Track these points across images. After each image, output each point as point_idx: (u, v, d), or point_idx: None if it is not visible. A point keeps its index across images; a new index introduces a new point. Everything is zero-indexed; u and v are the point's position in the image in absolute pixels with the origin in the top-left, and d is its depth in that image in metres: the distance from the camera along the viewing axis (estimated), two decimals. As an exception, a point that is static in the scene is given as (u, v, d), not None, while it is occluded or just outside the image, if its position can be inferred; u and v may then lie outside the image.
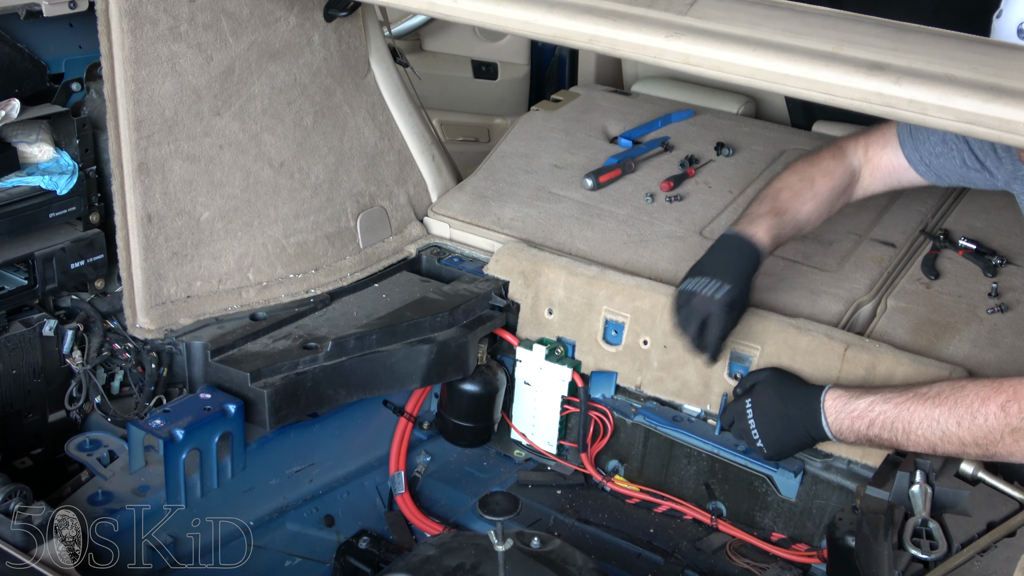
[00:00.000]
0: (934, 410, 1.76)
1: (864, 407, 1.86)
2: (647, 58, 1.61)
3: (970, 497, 1.77)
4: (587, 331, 2.32)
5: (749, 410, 2.02)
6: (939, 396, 1.77)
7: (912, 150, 2.17)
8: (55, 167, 2.11)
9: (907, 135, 2.17)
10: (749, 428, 2.02)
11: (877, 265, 2.35)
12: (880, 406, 1.83)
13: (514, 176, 2.75)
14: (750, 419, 2.02)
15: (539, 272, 2.36)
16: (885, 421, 1.82)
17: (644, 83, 3.74)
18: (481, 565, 1.73)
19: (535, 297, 2.37)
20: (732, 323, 2.06)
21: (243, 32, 2.17)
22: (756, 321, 2.14)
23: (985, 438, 1.71)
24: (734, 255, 2.07)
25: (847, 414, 1.88)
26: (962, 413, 1.72)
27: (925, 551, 1.64)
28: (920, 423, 1.77)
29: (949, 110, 1.40)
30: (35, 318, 2.12)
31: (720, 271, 2.05)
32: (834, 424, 1.90)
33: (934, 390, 1.79)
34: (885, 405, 1.83)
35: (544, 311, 2.35)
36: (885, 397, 1.84)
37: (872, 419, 1.84)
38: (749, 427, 2.02)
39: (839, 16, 1.58)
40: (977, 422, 1.71)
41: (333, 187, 2.43)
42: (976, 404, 1.71)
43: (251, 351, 2.11)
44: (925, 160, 2.16)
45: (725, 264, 2.07)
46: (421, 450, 2.57)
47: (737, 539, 2.25)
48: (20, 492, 1.79)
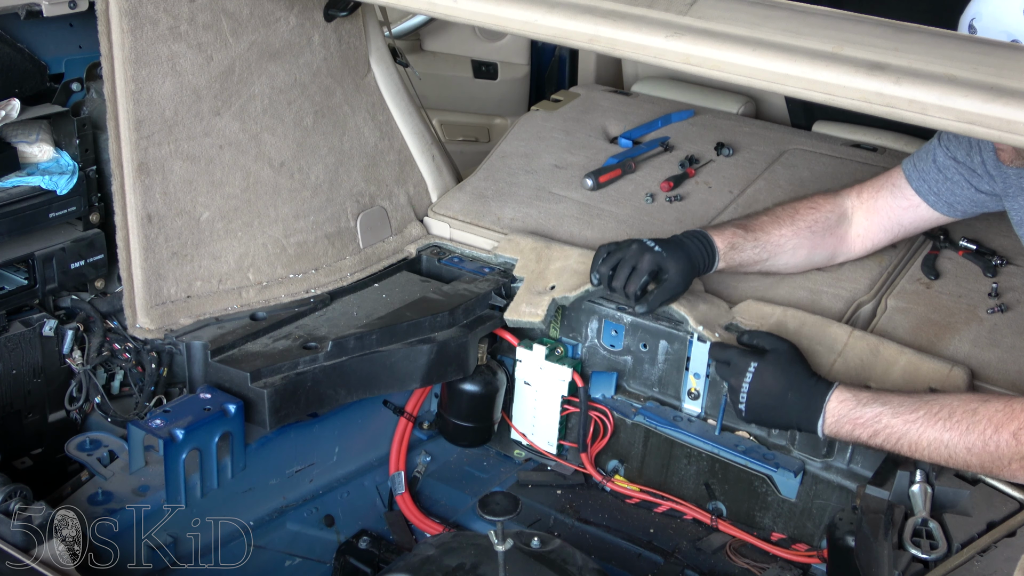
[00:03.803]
0: (944, 434, 1.71)
1: (870, 417, 1.80)
2: (647, 58, 1.61)
3: (970, 497, 1.76)
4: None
5: (751, 373, 1.93)
6: (950, 419, 1.71)
7: (920, 182, 2.18)
8: (55, 167, 2.11)
9: (912, 167, 2.19)
10: (740, 387, 1.94)
11: (877, 265, 2.35)
12: (888, 419, 1.78)
13: (514, 176, 2.75)
14: (747, 381, 1.93)
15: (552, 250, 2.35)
16: (891, 435, 1.77)
17: (644, 83, 3.74)
18: (481, 565, 1.73)
19: (541, 274, 2.34)
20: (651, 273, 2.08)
21: (243, 32, 2.17)
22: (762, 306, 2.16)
23: (994, 463, 1.68)
24: (688, 242, 2.13)
25: (849, 420, 1.83)
26: (974, 440, 1.68)
27: (925, 551, 1.64)
28: (928, 444, 1.73)
29: (949, 110, 1.40)
30: (35, 318, 2.12)
31: (667, 245, 2.11)
32: (831, 427, 1.86)
33: (945, 411, 1.73)
34: (893, 420, 1.77)
35: (548, 285, 2.31)
36: (894, 411, 1.78)
37: (877, 430, 1.79)
38: (741, 386, 1.94)
39: (839, 16, 1.58)
40: (988, 449, 1.67)
41: (333, 187, 2.43)
42: (989, 431, 1.67)
43: (251, 351, 2.11)
44: (934, 190, 2.16)
45: (675, 241, 2.13)
46: (421, 450, 2.57)
47: (737, 539, 2.25)
48: (20, 492, 1.79)
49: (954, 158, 2.13)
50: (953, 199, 2.16)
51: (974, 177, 2.11)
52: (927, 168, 2.17)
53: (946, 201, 2.17)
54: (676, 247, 2.10)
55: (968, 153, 2.10)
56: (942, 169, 2.15)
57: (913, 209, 2.22)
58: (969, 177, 2.12)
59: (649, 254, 2.08)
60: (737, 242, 2.16)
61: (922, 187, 2.18)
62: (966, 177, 2.12)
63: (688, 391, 2.29)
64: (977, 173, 2.11)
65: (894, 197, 2.22)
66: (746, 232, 2.18)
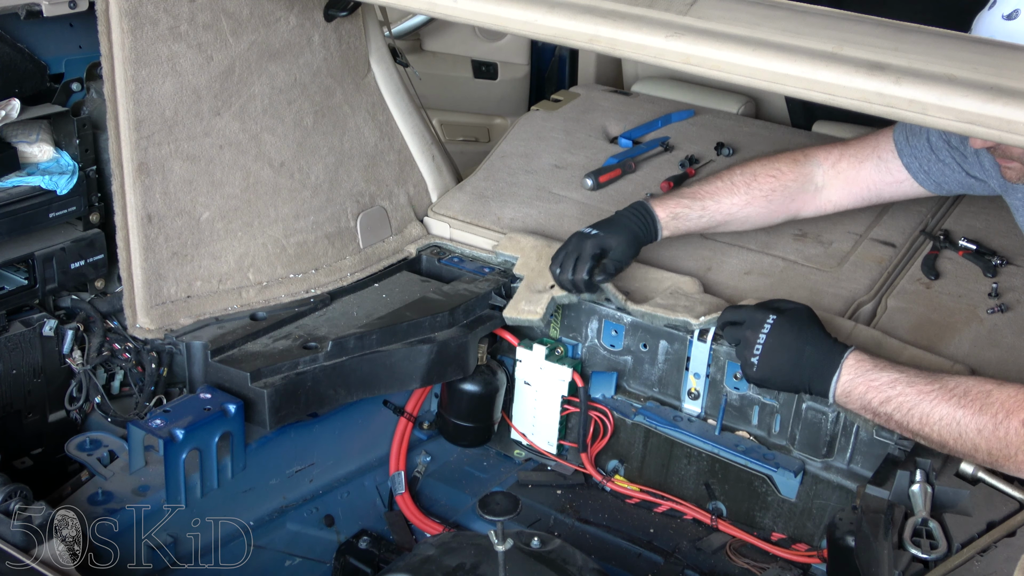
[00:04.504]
0: (957, 411, 1.69)
1: (886, 381, 1.77)
2: (647, 58, 1.61)
3: (970, 497, 1.76)
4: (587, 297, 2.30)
5: (768, 325, 1.87)
6: (965, 396, 1.70)
7: (911, 158, 2.16)
8: (55, 167, 2.11)
9: (904, 142, 2.17)
10: (755, 341, 1.88)
11: (877, 265, 2.35)
12: (902, 387, 1.75)
13: (514, 176, 2.76)
14: (764, 332, 1.87)
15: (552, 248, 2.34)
16: (903, 404, 1.75)
17: (644, 83, 3.74)
18: (481, 565, 1.73)
19: (541, 272, 2.34)
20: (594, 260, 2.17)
21: (243, 32, 2.17)
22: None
23: (1001, 451, 1.67)
24: (625, 215, 2.23)
25: (865, 380, 1.79)
26: (985, 421, 1.67)
27: (925, 551, 1.64)
28: (940, 419, 1.71)
29: (949, 110, 1.40)
30: (35, 318, 2.12)
31: (605, 224, 2.22)
32: (844, 386, 1.81)
33: (961, 388, 1.71)
34: (908, 388, 1.75)
35: (548, 283, 2.31)
36: (910, 379, 1.75)
37: (889, 396, 1.76)
38: (756, 340, 1.88)
39: (839, 16, 1.57)
40: (998, 434, 1.66)
41: (333, 187, 2.43)
42: (1000, 415, 1.66)
43: (251, 351, 2.11)
44: (924, 168, 2.16)
45: (613, 219, 2.24)
46: (421, 450, 2.57)
47: (737, 539, 2.25)
48: (20, 492, 1.79)
49: (948, 141, 2.11)
50: (943, 179, 2.15)
51: (965, 163, 2.11)
52: (920, 145, 2.15)
53: (935, 180, 2.16)
54: (612, 224, 2.21)
55: (962, 140, 2.08)
56: (935, 150, 2.13)
57: (897, 184, 2.20)
58: (961, 161, 2.12)
59: (588, 240, 2.18)
60: (681, 212, 2.23)
61: (913, 164, 2.16)
62: (958, 161, 2.12)
63: (688, 391, 2.29)
64: (969, 160, 2.10)
65: (879, 171, 2.20)
66: (692, 201, 2.24)
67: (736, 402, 2.24)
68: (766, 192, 2.24)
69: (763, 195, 2.24)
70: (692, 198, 2.24)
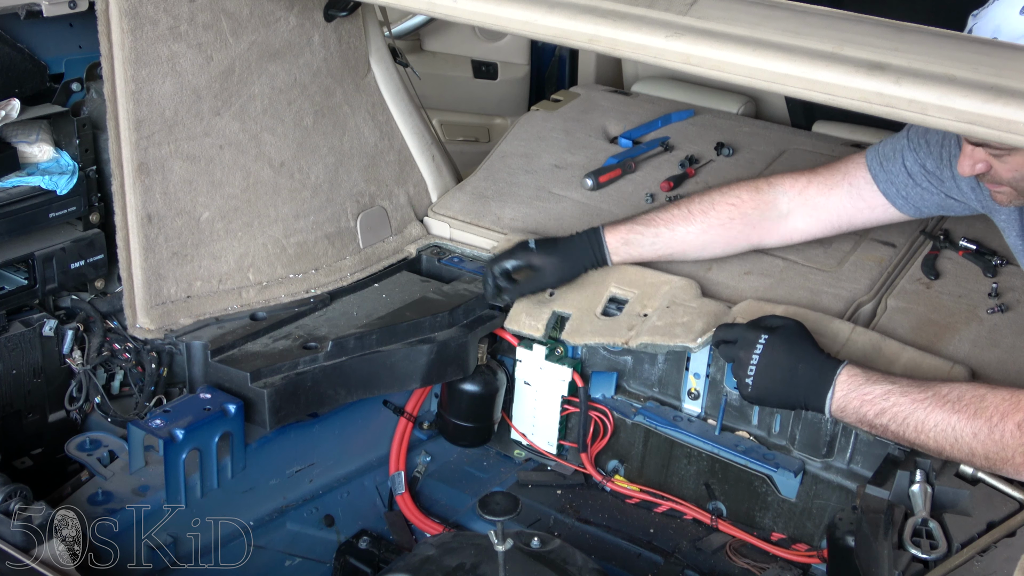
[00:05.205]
0: (952, 416, 1.70)
1: (879, 394, 1.78)
2: (647, 58, 1.61)
3: (970, 497, 1.76)
4: (586, 305, 2.28)
5: (760, 345, 1.88)
6: (959, 402, 1.70)
7: (887, 184, 2.13)
8: (55, 167, 2.11)
9: (878, 167, 2.13)
10: (748, 362, 1.88)
11: (877, 265, 2.35)
12: (896, 398, 1.76)
13: (514, 176, 2.76)
14: (756, 354, 1.88)
15: None
16: (898, 414, 1.75)
17: (644, 83, 3.74)
18: (481, 565, 1.73)
19: None
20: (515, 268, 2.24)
21: (243, 32, 2.17)
22: (763, 305, 2.15)
23: (997, 454, 1.67)
24: (576, 238, 2.28)
25: (858, 395, 1.80)
26: (980, 425, 1.67)
27: (925, 551, 1.64)
28: (935, 426, 1.72)
29: (949, 110, 1.40)
30: (35, 318, 2.12)
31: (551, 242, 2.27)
32: (839, 401, 1.82)
33: (954, 393, 1.72)
34: (902, 399, 1.75)
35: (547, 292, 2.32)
36: (903, 390, 1.76)
37: (884, 408, 1.77)
38: (750, 361, 1.88)
39: (839, 16, 1.58)
40: (993, 437, 1.66)
41: (333, 187, 2.43)
42: (995, 418, 1.66)
43: (251, 351, 2.11)
44: (902, 193, 2.12)
45: (561, 240, 2.29)
46: (421, 450, 2.57)
47: (737, 539, 2.25)
48: (20, 492, 1.79)
49: (923, 166, 2.08)
50: (921, 203, 2.13)
51: (943, 186, 2.08)
52: (896, 171, 2.11)
53: (914, 204, 2.13)
54: (550, 244, 2.26)
55: (938, 165, 2.06)
56: (912, 175, 2.10)
57: (871, 210, 2.17)
58: (938, 185, 2.08)
59: (520, 253, 2.25)
60: (633, 238, 2.25)
61: (890, 190, 2.13)
62: (935, 185, 2.09)
63: (688, 391, 2.29)
64: (946, 184, 2.07)
65: (851, 197, 2.17)
66: (645, 228, 2.25)
67: (736, 402, 2.24)
68: (723, 220, 2.22)
69: (720, 223, 2.22)
70: (645, 224, 2.25)
